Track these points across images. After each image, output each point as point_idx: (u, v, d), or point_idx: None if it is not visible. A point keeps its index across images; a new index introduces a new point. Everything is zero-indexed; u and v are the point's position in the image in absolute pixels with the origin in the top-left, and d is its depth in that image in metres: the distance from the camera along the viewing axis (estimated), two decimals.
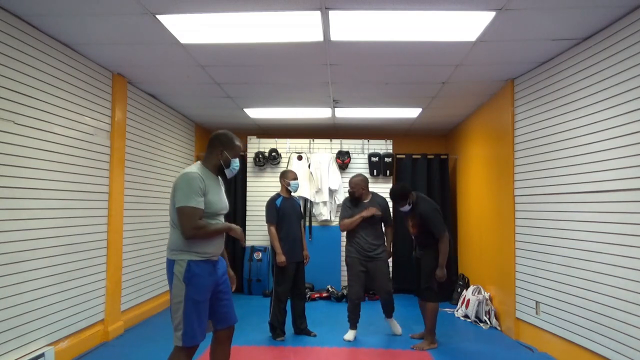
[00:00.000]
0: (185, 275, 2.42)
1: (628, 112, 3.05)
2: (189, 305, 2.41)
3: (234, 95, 5.30)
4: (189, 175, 2.46)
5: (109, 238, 4.35)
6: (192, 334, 2.42)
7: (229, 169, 2.64)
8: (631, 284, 3.00)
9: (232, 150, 2.62)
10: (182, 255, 2.45)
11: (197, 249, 2.47)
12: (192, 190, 2.41)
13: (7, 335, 3.09)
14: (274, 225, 4.42)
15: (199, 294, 2.44)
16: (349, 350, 4.08)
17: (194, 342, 2.44)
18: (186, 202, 2.40)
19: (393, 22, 3.22)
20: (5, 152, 3.09)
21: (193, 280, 2.42)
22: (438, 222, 4.10)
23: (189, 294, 2.41)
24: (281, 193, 4.54)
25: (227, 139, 2.63)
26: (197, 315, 2.43)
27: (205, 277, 2.48)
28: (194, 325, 2.42)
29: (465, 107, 5.82)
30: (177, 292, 2.43)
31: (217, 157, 2.60)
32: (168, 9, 3.07)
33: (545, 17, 3.14)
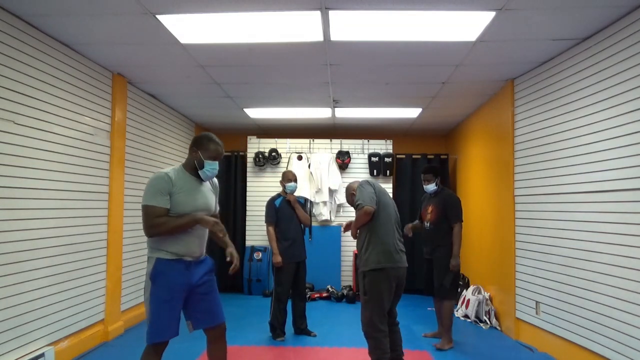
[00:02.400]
0: (152, 272, 2.44)
1: (628, 112, 3.04)
2: (153, 303, 2.44)
3: (234, 95, 5.30)
4: (155, 175, 2.49)
5: (109, 238, 4.35)
6: (155, 332, 2.44)
7: (202, 171, 2.56)
8: (631, 284, 3.00)
9: (206, 152, 2.54)
10: (152, 252, 2.48)
11: (165, 247, 2.46)
12: (154, 190, 2.42)
13: (7, 335, 3.09)
14: (273, 225, 4.42)
15: (164, 293, 2.44)
16: (349, 350, 4.08)
17: (155, 339, 2.45)
18: (145, 201, 2.42)
19: (393, 22, 3.22)
20: (5, 152, 3.09)
21: (158, 279, 2.44)
22: (459, 209, 4.27)
23: (153, 291, 2.43)
24: (281, 193, 4.55)
25: (203, 140, 2.57)
26: (161, 313, 2.44)
27: (172, 276, 2.45)
28: (157, 323, 2.44)
29: (465, 107, 5.81)
30: (146, 288, 2.47)
31: (192, 157, 2.56)
32: (168, 9, 3.06)
33: (545, 17, 3.14)
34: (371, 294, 3.09)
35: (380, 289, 3.08)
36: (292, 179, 4.49)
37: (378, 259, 3.08)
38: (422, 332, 4.66)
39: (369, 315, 3.08)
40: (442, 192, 4.37)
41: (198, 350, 3.88)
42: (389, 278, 3.09)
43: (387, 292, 3.10)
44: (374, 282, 3.09)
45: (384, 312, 3.10)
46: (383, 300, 3.09)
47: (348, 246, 6.76)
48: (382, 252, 3.10)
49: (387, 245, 3.12)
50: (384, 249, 3.11)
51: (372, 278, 3.10)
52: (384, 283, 3.09)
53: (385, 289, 3.09)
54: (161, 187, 2.42)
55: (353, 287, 6.45)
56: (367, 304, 3.11)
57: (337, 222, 6.81)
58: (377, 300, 3.08)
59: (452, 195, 4.38)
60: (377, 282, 3.08)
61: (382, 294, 3.08)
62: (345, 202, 6.73)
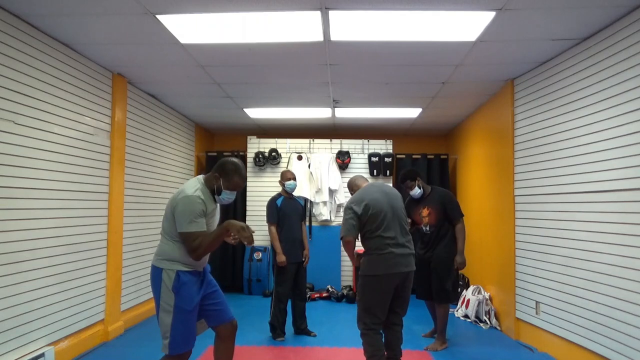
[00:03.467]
0: (174, 284, 2.44)
1: (628, 112, 3.04)
2: (177, 314, 2.44)
3: (234, 95, 5.30)
4: (190, 197, 2.43)
5: (109, 238, 4.35)
6: (178, 343, 2.46)
7: (219, 197, 2.58)
8: (631, 284, 3.00)
9: (227, 182, 2.53)
10: (171, 265, 2.48)
11: (182, 259, 2.50)
12: (193, 216, 2.40)
13: (7, 335, 3.09)
14: (274, 224, 4.42)
15: (188, 303, 2.47)
16: (349, 350, 4.08)
17: (178, 350, 2.47)
18: (188, 227, 2.40)
19: (393, 22, 3.22)
20: (5, 152, 3.09)
21: (182, 290, 2.45)
22: (457, 206, 4.23)
23: (178, 303, 2.44)
24: (282, 193, 4.55)
25: (228, 170, 2.53)
26: (184, 324, 2.46)
27: (193, 286, 2.51)
28: (180, 334, 2.45)
29: (465, 107, 5.82)
30: (167, 300, 2.45)
31: (212, 180, 2.56)
32: (168, 9, 3.06)
33: (545, 17, 3.14)
34: (362, 296, 3.15)
35: (372, 294, 3.10)
36: (292, 178, 4.49)
37: (371, 266, 3.10)
38: (422, 332, 4.66)
39: (361, 314, 3.16)
40: (435, 192, 4.25)
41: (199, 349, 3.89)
42: (381, 285, 3.08)
43: (380, 297, 3.10)
44: (366, 286, 3.13)
45: (376, 314, 3.10)
46: (374, 304, 3.10)
47: None
48: (375, 259, 3.10)
49: (381, 251, 3.09)
50: (377, 256, 3.09)
51: (365, 282, 3.14)
52: (376, 289, 3.09)
53: (377, 295, 3.09)
54: (198, 213, 2.43)
55: (353, 287, 6.44)
56: (359, 303, 3.19)
57: (337, 222, 6.81)
58: (367, 303, 3.12)
59: (448, 193, 4.29)
60: (368, 287, 3.12)
61: (373, 298, 3.10)
62: (345, 202, 6.77)
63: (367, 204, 3.15)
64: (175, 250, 2.49)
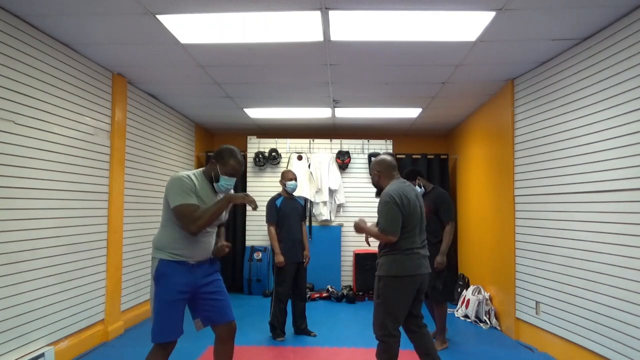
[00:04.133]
0: (155, 273, 2.49)
1: (628, 112, 3.05)
2: (157, 303, 2.48)
3: (234, 95, 5.30)
4: (178, 175, 2.53)
5: (109, 238, 4.35)
6: (160, 331, 2.47)
7: (217, 185, 2.60)
8: (631, 284, 3.00)
9: (224, 167, 2.57)
10: (157, 253, 2.52)
11: (168, 248, 2.50)
12: (181, 190, 2.45)
13: (7, 335, 3.09)
14: (274, 225, 4.42)
15: (166, 294, 2.47)
16: (349, 350, 4.08)
17: (161, 339, 2.48)
18: (180, 200, 2.44)
19: (393, 22, 3.22)
20: (5, 152, 3.09)
21: (161, 280, 2.47)
22: (451, 208, 4.19)
23: (157, 292, 2.48)
24: (282, 193, 4.55)
25: (224, 154, 2.59)
26: (164, 315, 2.47)
27: (174, 277, 2.48)
28: (161, 324, 2.47)
29: (465, 107, 5.81)
30: (151, 288, 2.52)
31: (211, 167, 2.61)
32: (168, 9, 3.06)
33: (545, 17, 3.14)
34: (384, 299, 2.91)
35: (395, 296, 2.90)
36: (293, 178, 4.50)
37: (396, 267, 2.90)
38: None
39: (381, 319, 2.91)
40: (433, 191, 4.27)
41: (199, 349, 3.89)
42: (406, 286, 2.90)
43: (404, 300, 2.91)
44: (390, 289, 2.90)
45: (398, 318, 2.92)
46: (398, 307, 2.90)
47: (348, 246, 6.76)
48: (401, 259, 2.90)
49: (407, 252, 2.91)
50: (404, 256, 2.90)
51: (388, 284, 2.91)
52: (401, 291, 2.90)
53: (402, 297, 2.90)
54: (187, 188, 2.47)
55: (353, 287, 6.45)
56: (379, 307, 2.94)
57: (337, 222, 6.82)
58: (391, 306, 2.90)
59: (444, 194, 4.28)
60: (393, 289, 2.90)
61: (397, 301, 2.90)
62: (345, 202, 6.78)
63: (407, 202, 2.92)
64: (163, 237, 2.52)
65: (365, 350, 4.09)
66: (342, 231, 6.77)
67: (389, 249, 2.95)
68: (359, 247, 6.70)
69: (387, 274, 2.92)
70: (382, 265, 2.98)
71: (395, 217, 2.88)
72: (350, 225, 6.78)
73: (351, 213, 6.83)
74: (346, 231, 6.79)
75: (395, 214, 2.88)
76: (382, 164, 3.14)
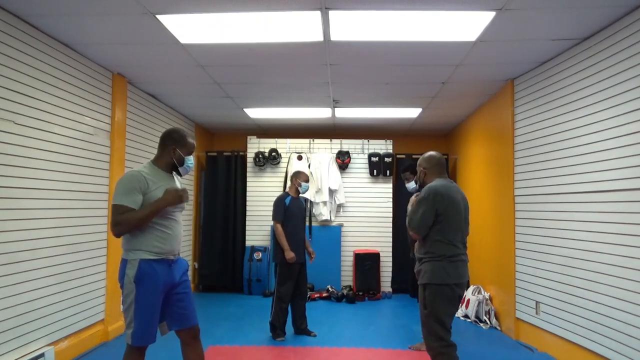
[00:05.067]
0: (136, 275, 2.38)
1: (628, 112, 3.05)
2: (139, 306, 2.38)
3: (234, 95, 5.30)
4: (128, 173, 2.48)
5: (109, 238, 4.35)
6: (141, 335, 2.39)
7: (183, 167, 2.60)
8: (631, 284, 3.00)
9: (184, 148, 2.57)
10: (134, 254, 2.42)
11: (148, 247, 2.43)
12: (125, 189, 2.40)
13: (7, 335, 3.09)
14: (281, 223, 4.42)
15: (149, 295, 2.40)
16: (349, 350, 4.08)
17: (141, 342, 2.41)
18: (116, 199, 2.38)
19: (393, 22, 3.22)
20: (5, 152, 3.09)
21: (143, 281, 2.39)
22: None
23: (139, 294, 2.38)
24: (290, 192, 4.57)
25: (180, 137, 2.58)
26: (146, 316, 2.40)
27: (156, 277, 2.42)
28: (143, 326, 2.39)
29: (465, 107, 5.81)
30: (128, 292, 2.39)
31: (170, 155, 2.56)
32: (168, 9, 3.06)
33: (545, 17, 3.14)
34: (433, 309, 2.73)
35: (445, 304, 2.73)
36: (307, 180, 4.58)
37: (442, 274, 2.72)
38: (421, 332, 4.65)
39: (434, 330, 2.73)
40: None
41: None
42: (454, 294, 2.74)
43: (453, 308, 2.77)
44: (437, 297, 2.72)
45: (448, 327, 2.75)
46: (447, 315, 2.75)
47: (348, 246, 6.76)
48: (447, 266, 2.73)
49: (452, 258, 2.74)
50: (449, 263, 2.73)
51: (435, 292, 2.73)
52: (448, 299, 2.73)
53: (451, 305, 2.76)
54: (134, 186, 2.40)
55: (353, 287, 6.45)
56: (429, 319, 2.75)
57: (337, 222, 6.82)
58: (440, 315, 2.72)
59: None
60: (440, 297, 2.72)
61: (448, 309, 2.74)
62: (345, 202, 6.78)
63: (449, 202, 2.76)
64: (137, 236, 2.42)
65: (365, 350, 4.09)
66: (342, 231, 6.77)
67: (432, 256, 2.77)
68: (359, 247, 6.71)
69: (432, 282, 2.73)
70: (425, 273, 2.78)
71: (424, 214, 2.73)
72: (350, 225, 6.80)
73: (351, 213, 6.84)
74: (346, 231, 6.79)
75: (426, 211, 2.73)
76: (430, 160, 2.97)
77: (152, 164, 2.58)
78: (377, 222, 6.79)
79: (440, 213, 2.74)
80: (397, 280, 6.71)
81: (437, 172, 2.94)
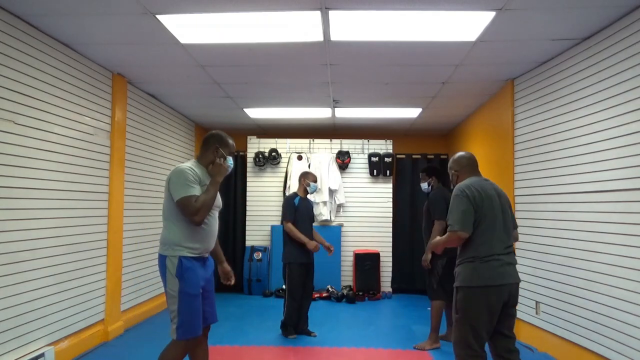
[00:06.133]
0: (177, 270, 2.48)
1: (628, 112, 3.04)
2: (183, 299, 2.47)
3: (234, 95, 5.30)
4: (180, 168, 2.55)
5: (109, 238, 4.35)
6: (186, 328, 2.47)
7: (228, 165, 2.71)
8: (631, 284, 3.00)
9: (227, 148, 2.71)
10: (174, 251, 2.51)
11: (187, 244, 2.52)
12: (187, 181, 2.48)
13: (7, 335, 3.09)
14: (291, 222, 4.43)
15: (192, 288, 2.49)
16: (349, 350, 4.08)
17: (187, 335, 2.48)
18: (184, 193, 2.46)
19: (393, 22, 3.22)
20: (5, 152, 3.09)
21: (185, 275, 2.48)
22: (438, 207, 4.01)
23: (182, 288, 2.47)
24: (298, 193, 4.59)
25: (222, 137, 2.73)
26: (190, 309, 2.48)
27: (197, 272, 2.53)
28: (188, 318, 2.47)
29: (465, 107, 5.81)
30: (172, 286, 2.49)
31: (213, 154, 2.68)
32: (168, 9, 3.06)
33: (545, 17, 3.14)
34: (464, 313, 2.60)
35: (477, 309, 2.56)
36: (316, 180, 4.61)
37: (475, 276, 2.58)
38: (422, 332, 4.65)
39: (463, 336, 2.59)
40: (431, 192, 4.34)
41: None
42: (488, 297, 2.54)
43: (487, 313, 2.55)
44: (469, 301, 2.58)
45: (482, 333, 2.57)
46: (480, 321, 2.56)
47: (348, 246, 6.77)
48: (480, 267, 2.58)
49: (486, 259, 2.57)
50: (482, 263, 2.58)
51: (467, 295, 2.59)
52: (482, 303, 2.55)
53: (483, 309, 2.55)
54: (194, 178, 2.50)
55: (353, 287, 6.45)
56: (460, 322, 2.62)
57: (337, 222, 6.82)
58: (472, 321, 2.57)
59: (436, 193, 4.25)
60: (473, 301, 2.58)
61: (479, 315, 2.56)
62: (345, 202, 6.78)
63: (484, 198, 2.62)
64: (177, 234, 2.52)
65: (365, 350, 4.09)
66: (342, 231, 6.77)
67: (466, 257, 2.64)
68: (359, 247, 6.71)
69: (464, 284, 2.60)
70: (459, 275, 2.66)
71: (466, 211, 2.57)
72: (350, 225, 6.80)
73: (351, 213, 6.84)
74: (346, 231, 6.80)
75: (466, 208, 2.58)
76: (460, 162, 2.88)
77: (196, 161, 2.69)
78: (377, 222, 6.79)
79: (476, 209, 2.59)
80: (397, 280, 6.71)
81: (469, 172, 2.83)
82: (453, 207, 2.64)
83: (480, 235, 2.60)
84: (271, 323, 4.83)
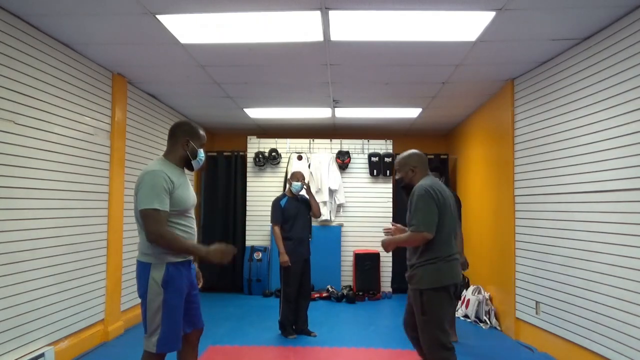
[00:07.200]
0: (164, 279, 2.29)
1: (628, 112, 3.04)
2: (167, 310, 2.29)
3: (234, 95, 5.30)
4: (151, 172, 2.30)
5: (109, 238, 4.35)
6: (167, 341, 2.31)
7: (196, 160, 2.48)
8: (631, 284, 3.00)
9: (198, 140, 2.46)
10: (161, 257, 2.31)
11: None
12: (157, 190, 2.24)
13: (7, 335, 3.09)
14: (278, 225, 4.44)
15: (176, 298, 2.33)
16: (349, 350, 4.08)
17: (167, 349, 2.32)
18: (149, 203, 2.23)
19: (393, 22, 3.22)
20: (5, 152, 3.09)
21: (170, 284, 2.30)
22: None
23: (167, 298, 2.29)
24: (287, 193, 4.59)
25: (192, 128, 2.47)
26: (174, 321, 2.33)
27: (181, 280, 2.37)
28: (170, 331, 2.31)
29: (465, 107, 5.81)
30: (154, 297, 2.29)
31: (183, 148, 2.43)
32: (168, 9, 3.06)
33: (545, 17, 3.14)
34: (432, 315, 2.62)
35: (445, 309, 2.66)
36: (299, 179, 4.57)
37: (440, 276, 2.63)
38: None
39: (434, 337, 2.62)
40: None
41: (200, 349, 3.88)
42: (451, 295, 2.64)
43: (450, 310, 2.73)
44: (438, 301, 2.62)
45: (447, 330, 2.68)
46: (446, 319, 2.67)
47: (348, 246, 6.76)
48: (443, 267, 2.63)
49: (449, 258, 2.65)
50: (445, 263, 2.64)
51: (434, 297, 2.62)
52: (446, 302, 2.64)
53: (448, 308, 2.68)
54: (163, 187, 2.26)
55: (353, 287, 6.45)
56: (428, 325, 2.64)
57: (337, 222, 6.82)
58: (439, 320, 2.63)
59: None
60: (441, 301, 2.63)
61: (446, 313, 2.68)
62: (345, 202, 6.78)
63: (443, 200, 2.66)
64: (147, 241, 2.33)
65: (365, 350, 4.09)
66: (342, 231, 6.77)
67: (427, 258, 2.65)
68: (359, 247, 6.71)
69: (430, 286, 2.62)
70: (420, 278, 2.66)
71: (432, 212, 2.59)
72: (350, 225, 6.81)
73: (351, 213, 6.84)
74: (346, 231, 6.79)
75: (432, 209, 2.60)
76: (419, 158, 2.84)
77: (164, 159, 2.43)
78: (377, 222, 6.77)
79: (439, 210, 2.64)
80: (397, 280, 6.71)
81: (424, 170, 2.83)
82: (419, 207, 2.63)
83: (442, 236, 2.64)
84: (271, 323, 4.82)
